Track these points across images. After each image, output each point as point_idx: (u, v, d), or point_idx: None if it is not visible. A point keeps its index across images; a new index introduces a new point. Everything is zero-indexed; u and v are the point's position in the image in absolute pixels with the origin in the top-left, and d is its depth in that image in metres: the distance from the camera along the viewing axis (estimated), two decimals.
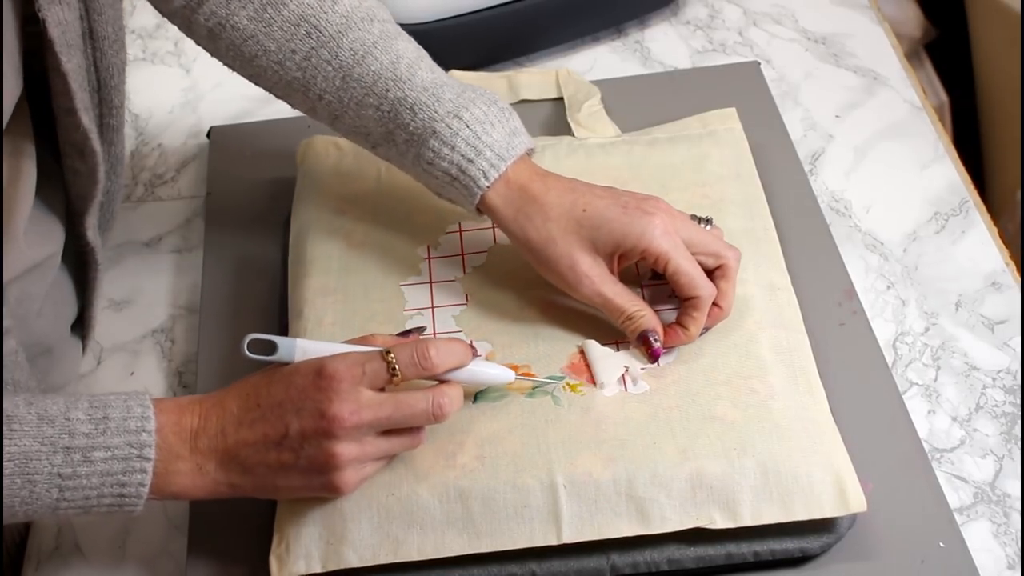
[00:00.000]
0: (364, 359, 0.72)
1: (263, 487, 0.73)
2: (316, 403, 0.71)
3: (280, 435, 0.71)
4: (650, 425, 0.78)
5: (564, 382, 0.81)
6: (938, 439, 0.85)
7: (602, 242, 0.80)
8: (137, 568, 0.81)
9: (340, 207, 0.94)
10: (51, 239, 0.82)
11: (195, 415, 0.73)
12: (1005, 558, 0.78)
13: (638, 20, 1.19)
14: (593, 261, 0.81)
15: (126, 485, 0.69)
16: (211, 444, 0.72)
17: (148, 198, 1.06)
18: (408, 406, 0.73)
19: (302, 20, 0.84)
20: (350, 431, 0.71)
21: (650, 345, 0.81)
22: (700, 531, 0.75)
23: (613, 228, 0.80)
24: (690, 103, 1.02)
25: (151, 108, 1.14)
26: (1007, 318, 0.92)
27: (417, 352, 0.73)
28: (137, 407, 0.71)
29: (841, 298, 0.90)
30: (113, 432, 0.69)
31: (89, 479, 0.69)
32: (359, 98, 0.83)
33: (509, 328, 0.85)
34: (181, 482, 0.72)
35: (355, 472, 0.73)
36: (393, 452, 0.75)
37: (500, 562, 0.75)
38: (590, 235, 0.80)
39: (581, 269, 0.81)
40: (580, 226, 0.80)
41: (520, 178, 0.82)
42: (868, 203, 1.00)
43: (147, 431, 0.70)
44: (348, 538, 0.75)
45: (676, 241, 0.80)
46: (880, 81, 1.11)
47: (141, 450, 0.70)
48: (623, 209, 0.80)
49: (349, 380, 0.71)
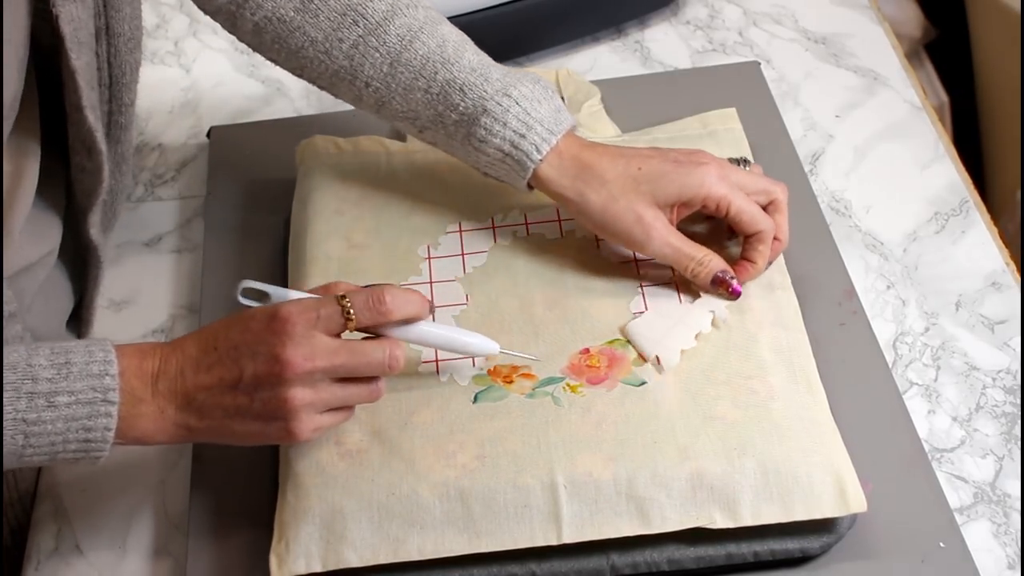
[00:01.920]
0: (319, 304, 0.72)
1: (220, 431, 0.73)
2: (270, 347, 0.70)
3: (235, 379, 0.71)
4: (650, 425, 0.78)
5: (564, 383, 0.81)
6: (938, 439, 0.85)
7: (662, 194, 0.83)
8: (137, 568, 0.81)
9: (340, 207, 0.94)
10: (48, 238, 0.82)
11: (156, 358, 0.72)
12: (1005, 558, 0.78)
13: (638, 20, 1.19)
14: (656, 213, 0.83)
15: (91, 430, 0.69)
16: (170, 386, 0.71)
17: (148, 198, 1.06)
18: (363, 353, 0.72)
19: (348, 9, 0.85)
20: (303, 376, 0.70)
21: (728, 284, 0.84)
22: (700, 531, 0.75)
23: (671, 180, 0.83)
24: (690, 103, 1.02)
25: (151, 108, 1.14)
26: (1007, 318, 0.92)
27: (372, 297, 0.73)
28: (99, 352, 0.70)
29: (841, 298, 0.90)
30: (76, 376, 0.69)
31: (54, 424, 0.68)
32: (407, 82, 0.85)
33: (509, 328, 0.84)
34: (144, 425, 0.71)
35: (310, 419, 0.72)
36: (350, 402, 0.74)
37: (500, 562, 0.75)
38: (650, 189, 0.83)
39: (647, 220, 0.83)
40: (638, 183, 0.83)
41: (571, 149, 0.85)
42: (868, 203, 1.00)
43: (110, 375, 0.69)
44: (348, 537, 0.75)
45: (732, 184, 0.83)
46: (880, 81, 1.11)
47: (105, 394, 0.69)
48: (675, 164, 0.84)
49: (303, 324, 0.70)
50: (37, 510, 0.85)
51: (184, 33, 1.22)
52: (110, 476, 0.86)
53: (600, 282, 0.87)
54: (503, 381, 0.81)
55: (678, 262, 0.84)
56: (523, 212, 0.92)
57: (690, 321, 0.83)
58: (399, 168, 0.97)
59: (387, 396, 0.80)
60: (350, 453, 0.78)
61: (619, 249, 0.89)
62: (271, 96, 1.15)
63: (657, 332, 0.83)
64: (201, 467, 0.84)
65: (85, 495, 0.85)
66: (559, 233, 0.91)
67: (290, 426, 0.71)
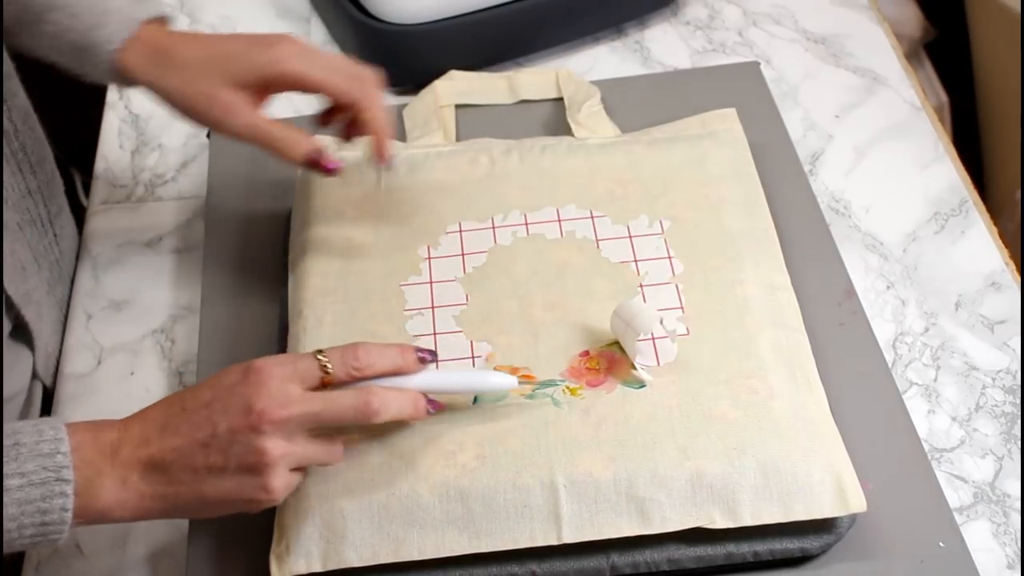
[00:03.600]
0: (295, 357, 0.70)
1: (190, 497, 0.69)
2: (244, 398, 0.67)
3: (208, 435, 0.67)
4: (650, 425, 0.78)
5: (564, 386, 0.81)
6: (938, 439, 0.85)
7: (239, 74, 0.82)
8: (137, 568, 0.81)
9: (340, 207, 0.94)
10: None
11: (113, 430, 0.69)
12: (1005, 558, 0.78)
13: (638, 20, 1.19)
14: (235, 94, 0.82)
15: (48, 512, 0.65)
16: (133, 454, 0.68)
17: (148, 198, 1.06)
18: (337, 402, 0.69)
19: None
20: (279, 425, 0.67)
21: (321, 161, 0.83)
22: (700, 531, 0.75)
23: (245, 59, 0.82)
24: (690, 103, 1.02)
25: (151, 108, 1.14)
26: (1007, 318, 0.92)
27: (347, 353, 0.71)
28: (48, 430, 0.67)
29: (841, 298, 0.90)
30: (26, 457, 0.65)
31: (7, 509, 0.65)
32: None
33: (509, 328, 0.84)
34: (106, 499, 0.67)
35: (285, 474, 0.69)
36: (316, 460, 0.72)
37: (500, 562, 0.75)
38: (227, 70, 0.81)
39: (224, 100, 0.81)
40: (214, 64, 0.82)
41: (155, 36, 0.83)
42: (868, 203, 1.00)
43: (62, 452, 0.66)
44: (348, 537, 0.75)
45: (311, 59, 0.82)
46: (880, 81, 1.11)
47: (59, 472, 0.65)
48: (248, 44, 0.83)
49: (279, 377, 0.68)
50: None
51: None
52: None
53: (600, 283, 0.87)
54: None
55: (265, 144, 0.82)
56: (523, 212, 0.92)
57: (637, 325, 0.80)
58: (399, 168, 0.97)
59: None
60: (350, 453, 0.78)
61: (619, 249, 0.89)
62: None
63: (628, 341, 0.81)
64: None
65: None
66: (559, 233, 0.91)
67: (266, 481, 0.68)
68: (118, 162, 1.09)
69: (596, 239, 0.90)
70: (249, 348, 0.85)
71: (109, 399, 0.91)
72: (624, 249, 0.89)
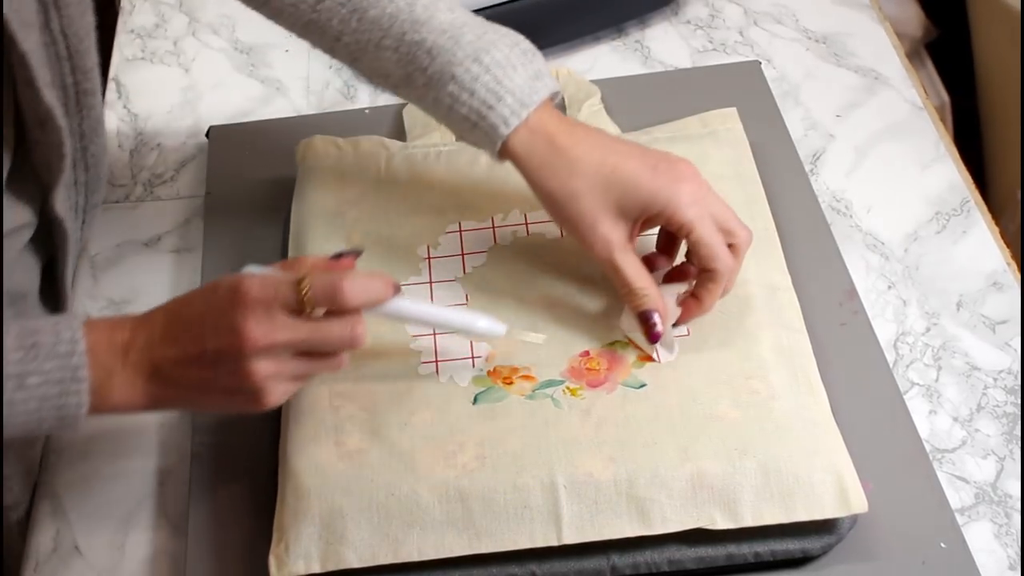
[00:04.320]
0: (278, 283, 0.71)
1: (188, 402, 0.74)
2: (230, 321, 0.69)
3: (198, 352, 0.70)
4: (650, 425, 0.77)
5: (564, 386, 0.81)
6: (939, 439, 0.84)
7: (628, 205, 0.79)
8: (137, 568, 0.81)
9: (339, 207, 0.94)
10: (19, 211, 0.81)
11: (125, 330, 0.72)
12: (1006, 559, 0.78)
13: (638, 20, 1.19)
14: (614, 224, 0.79)
15: (64, 407, 0.70)
16: (139, 358, 0.72)
17: (148, 198, 1.06)
18: (325, 329, 0.71)
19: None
20: (264, 350, 0.70)
21: (651, 326, 0.80)
22: (701, 532, 0.74)
23: (641, 192, 0.79)
24: (690, 103, 1.02)
25: (150, 108, 1.14)
26: (1008, 318, 0.91)
27: (330, 284, 0.71)
28: (66, 331, 0.70)
29: (842, 298, 0.90)
30: (44, 357, 0.69)
31: (26, 404, 0.69)
32: (376, 40, 0.82)
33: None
34: (116, 397, 0.71)
35: (276, 387, 0.72)
36: (313, 372, 0.74)
37: (500, 563, 0.75)
38: (616, 197, 0.79)
39: (600, 231, 0.79)
40: (608, 186, 0.79)
41: (546, 127, 0.80)
42: (869, 203, 1.00)
43: (78, 353, 0.69)
44: (348, 538, 0.74)
45: (703, 211, 0.79)
46: (881, 81, 1.11)
47: (75, 372, 0.69)
48: (653, 172, 0.79)
49: (264, 301, 0.70)
50: (36, 510, 0.85)
51: (183, 33, 1.22)
52: (110, 476, 0.86)
53: (600, 283, 0.87)
54: (503, 382, 0.81)
55: (616, 283, 0.81)
56: (523, 212, 0.92)
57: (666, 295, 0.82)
58: (399, 168, 0.96)
59: (387, 396, 0.80)
60: (350, 454, 0.78)
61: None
62: (271, 96, 1.14)
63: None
64: (201, 467, 0.84)
65: (85, 495, 0.85)
66: (559, 233, 0.91)
67: (256, 397, 0.71)
68: (117, 162, 1.09)
69: None
70: None
71: None
72: None
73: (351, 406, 0.80)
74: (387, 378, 0.82)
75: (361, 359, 0.82)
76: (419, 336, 0.84)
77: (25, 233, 0.82)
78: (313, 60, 1.17)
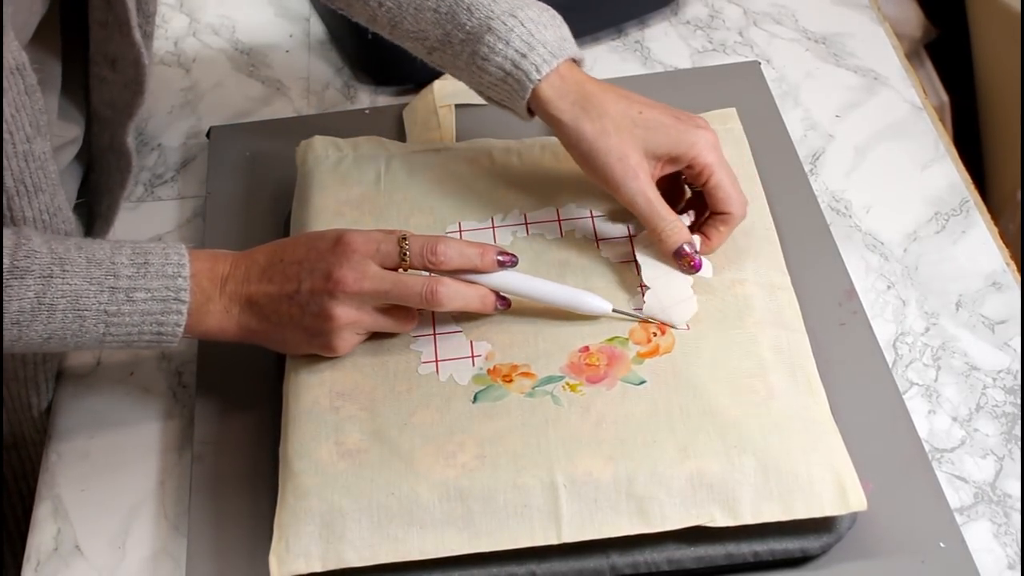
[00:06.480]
0: (381, 238, 0.79)
1: (274, 335, 0.81)
2: (327, 264, 0.77)
3: (293, 290, 0.78)
4: (650, 424, 0.78)
5: (564, 382, 0.81)
6: (938, 439, 0.85)
7: (655, 144, 0.84)
8: (137, 568, 0.81)
9: (339, 208, 0.94)
10: (70, 128, 0.89)
11: (227, 263, 0.80)
12: (1006, 558, 0.78)
13: (638, 20, 1.19)
14: (643, 160, 0.84)
15: (163, 324, 0.77)
16: (237, 289, 0.79)
17: (148, 198, 1.06)
18: (406, 285, 0.79)
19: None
20: (351, 296, 0.77)
21: (691, 258, 0.84)
22: (700, 531, 0.75)
23: (669, 133, 0.84)
24: (690, 103, 1.02)
25: (151, 108, 1.14)
26: (1007, 318, 0.92)
27: (428, 245, 0.79)
28: (175, 255, 0.78)
29: (841, 298, 0.90)
30: (153, 276, 0.77)
31: (131, 316, 0.76)
32: (419, 2, 0.87)
33: (509, 328, 0.84)
34: (210, 322, 0.79)
35: (350, 336, 0.80)
36: (386, 329, 0.81)
37: (500, 562, 0.75)
38: (644, 136, 0.84)
39: (632, 163, 0.83)
40: (635, 126, 0.84)
41: (575, 75, 0.86)
42: (868, 203, 1.00)
43: (183, 276, 0.77)
44: (348, 537, 0.75)
45: (722, 157, 0.85)
46: (880, 81, 1.11)
47: (178, 293, 0.77)
48: (675, 119, 0.85)
49: (362, 252, 0.78)
50: (37, 510, 0.85)
51: (184, 33, 1.22)
52: (110, 476, 0.86)
53: (600, 283, 0.87)
54: (503, 380, 0.81)
55: (649, 218, 0.84)
56: (523, 212, 0.92)
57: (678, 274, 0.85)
58: (399, 168, 0.97)
59: (387, 396, 0.81)
60: (350, 453, 0.78)
61: (619, 249, 0.89)
62: (271, 96, 1.15)
63: (665, 300, 0.84)
64: (201, 467, 0.84)
65: (85, 495, 0.85)
66: (559, 233, 0.91)
67: (329, 340, 0.79)
68: None
69: (596, 239, 0.90)
70: (249, 348, 0.85)
71: (108, 399, 0.91)
72: (624, 249, 0.89)
73: (351, 406, 0.80)
74: (387, 378, 0.82)
75: (361, 359, 0.82)
76: (419, 336, 0.84)
77: (71, 149, 0.91)
78: (313, 60, 1.18)
